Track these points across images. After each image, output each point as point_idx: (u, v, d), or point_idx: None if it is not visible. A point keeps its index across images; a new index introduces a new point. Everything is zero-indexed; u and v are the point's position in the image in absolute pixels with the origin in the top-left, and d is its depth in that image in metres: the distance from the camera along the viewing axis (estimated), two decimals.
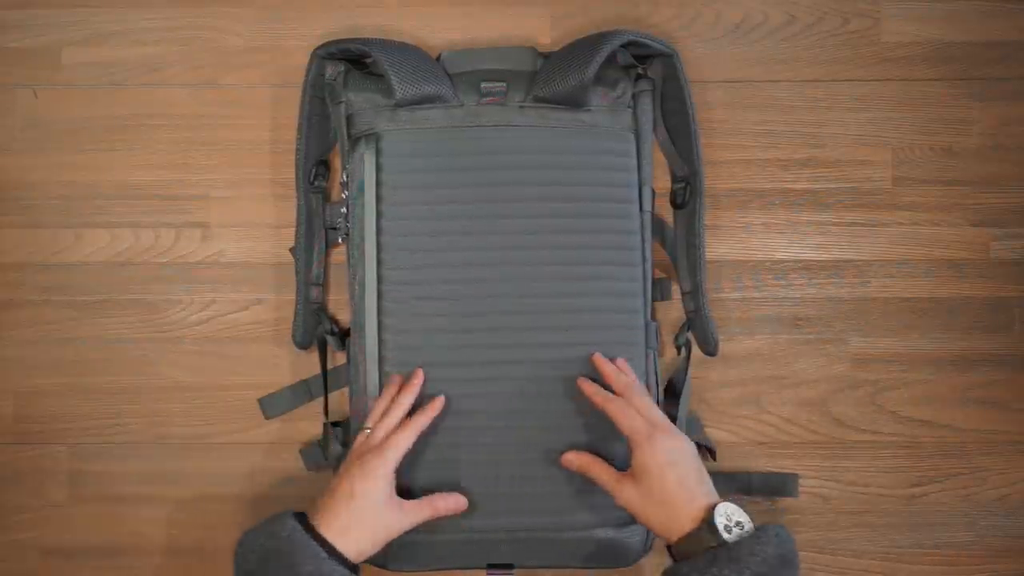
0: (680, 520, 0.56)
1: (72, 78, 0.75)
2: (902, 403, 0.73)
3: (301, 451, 0.71)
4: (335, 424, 0.71)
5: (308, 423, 0.73)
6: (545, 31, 0.75)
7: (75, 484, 0.73)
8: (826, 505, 0.73)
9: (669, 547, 0.57)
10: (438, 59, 0.71)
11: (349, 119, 0.69)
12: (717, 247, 0.74)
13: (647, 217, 0.69)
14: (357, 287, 0.67)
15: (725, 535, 0.55)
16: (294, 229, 0.71)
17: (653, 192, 0.71)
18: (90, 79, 0.75)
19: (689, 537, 0.55)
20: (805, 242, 0.74)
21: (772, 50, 0.75)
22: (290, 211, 0.72)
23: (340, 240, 0.70)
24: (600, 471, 0.62)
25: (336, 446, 0.69)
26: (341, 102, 0.69)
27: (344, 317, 0.73)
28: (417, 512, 0.61)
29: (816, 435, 0.73)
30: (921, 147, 0.74)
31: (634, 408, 0.61)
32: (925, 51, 0.75)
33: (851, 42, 0.75)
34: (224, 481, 0.73)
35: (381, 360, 0.66)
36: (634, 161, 0.69)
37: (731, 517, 0.56)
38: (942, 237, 0.74)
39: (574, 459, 0.63)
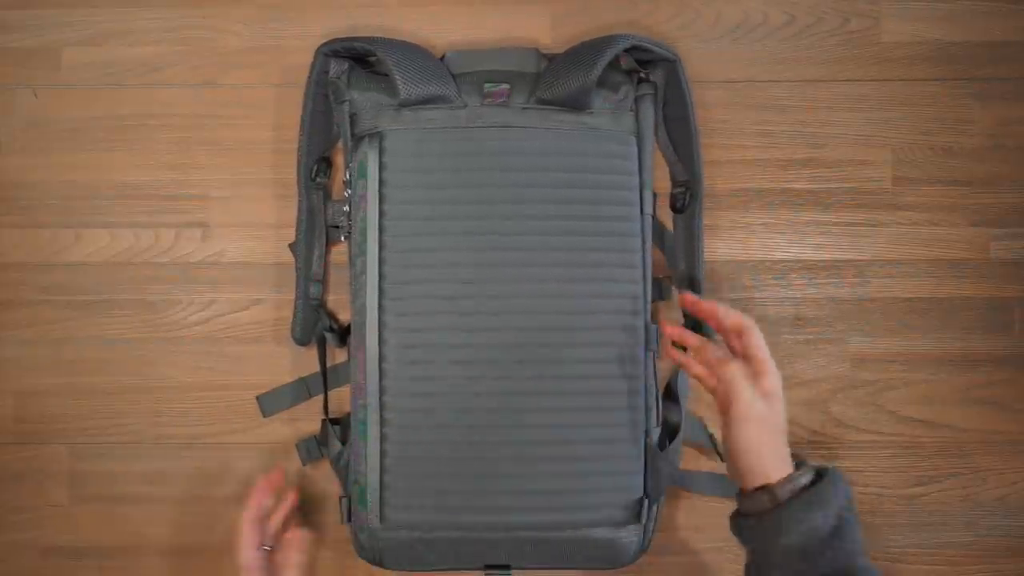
0: (779, 461, 0.56)
1: (72, 78, 0.75)
2: (902, 403, 0.73)
3: (297, 445, 0.71)
4: (334, 422, 0.71)
5: (307, 423, 0.73)
6: (546, 31, 0.75)
7: (75, 484, 0.73)
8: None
9: (746, 490, 0.57)
10: (442, 59, 0.71)
11: (353, 118, 0.69)
12: (717, 247, 0.74)
13: (648, 220, 0.69)
14: (358, 285, 0.67)
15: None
16: (294, 226, 0.71)
17: (654, 195, 0.71)
18: (90, 79, 0.75)
19: (787, 480, 0.55)
20: (805, 242, 0.74)
21: (772, 50, 0.75)
22: (290, 211, 0.72)
23: (342, 238, 0.70)
24: (739, 383, 0.58)
25: (335, 442, 0.69)
26: (345, 101, 0.69)
27: (343, 315, 0.73)
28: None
29: (816, 435, 0.73)
30: (921, 147, 0.74)
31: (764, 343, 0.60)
32: (925, 51, 0.75)
33: (851, 42, 0.75)
34: (224, 481, 0.73)
35: (381, 359, 0.66)
36: (635, 164, 0.69)
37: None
38: (942, 237, 0.74)
39: (694, 302, 0.62)
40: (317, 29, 0.74)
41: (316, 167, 0.71)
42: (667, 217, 0.73)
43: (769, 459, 0.56)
